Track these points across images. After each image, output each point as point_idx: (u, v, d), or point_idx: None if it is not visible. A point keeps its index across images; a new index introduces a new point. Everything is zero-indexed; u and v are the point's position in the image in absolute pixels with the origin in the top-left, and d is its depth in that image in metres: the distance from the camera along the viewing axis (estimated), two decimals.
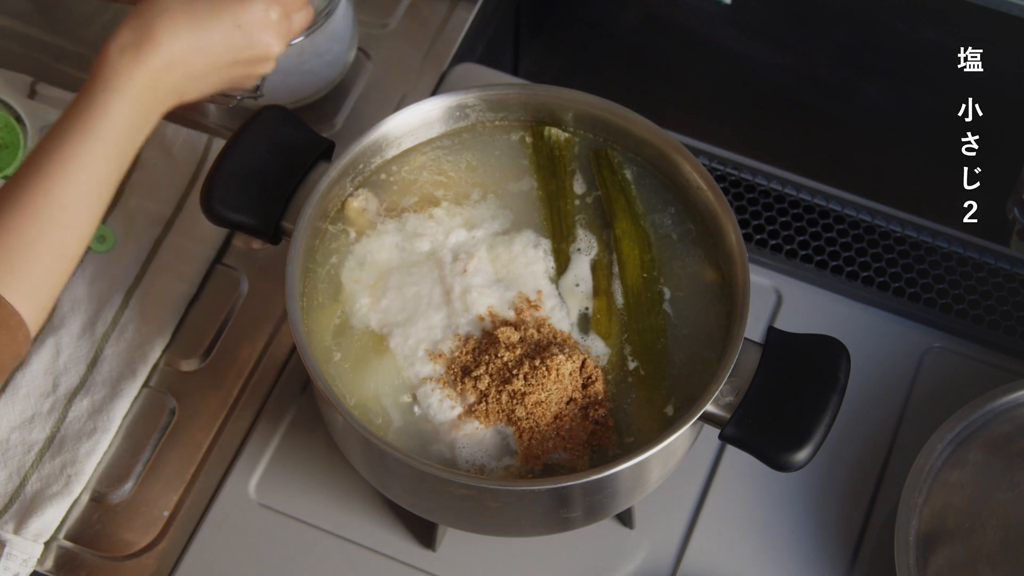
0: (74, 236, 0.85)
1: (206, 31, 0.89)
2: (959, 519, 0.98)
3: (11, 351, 0.82)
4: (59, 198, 0.83)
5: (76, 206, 0.84)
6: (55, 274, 0.84)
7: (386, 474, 0.92)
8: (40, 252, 0.82)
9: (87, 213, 0.85)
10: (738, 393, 0.86)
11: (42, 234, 0.83)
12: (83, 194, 0.85)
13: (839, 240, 1.16)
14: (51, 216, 0.83)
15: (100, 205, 0.87)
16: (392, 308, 0.93)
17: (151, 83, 0.87)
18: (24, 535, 1.00)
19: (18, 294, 0.81)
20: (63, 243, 0.84)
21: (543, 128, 1.01)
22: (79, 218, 0.85)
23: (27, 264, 0.82)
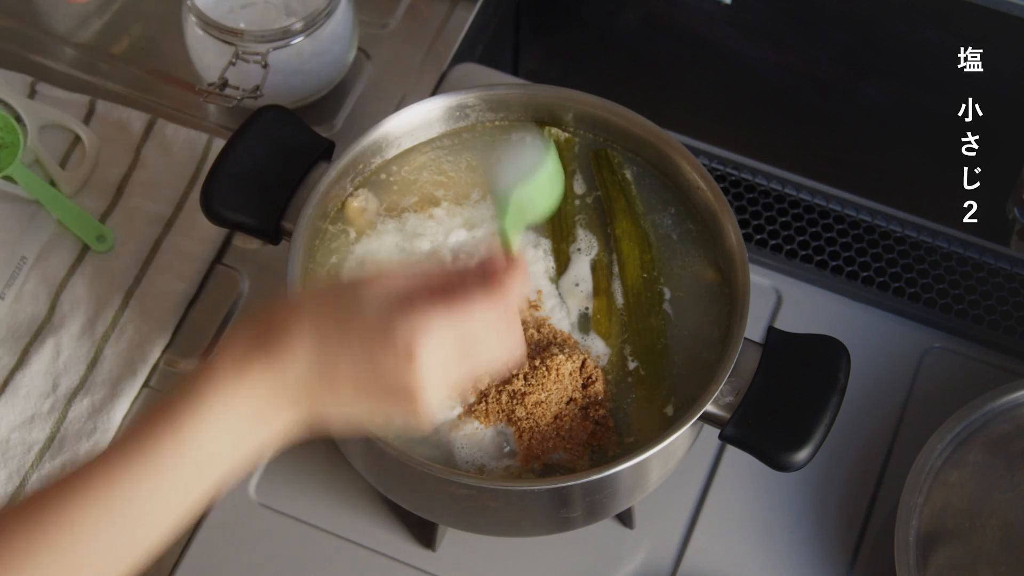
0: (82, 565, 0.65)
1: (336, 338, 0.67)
2: (959, 519, 0.98)
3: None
4: (70, 512, 0.65)
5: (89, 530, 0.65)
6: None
7: (386, 474, 0.92)
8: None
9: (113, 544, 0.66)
10: (738, 393, 0.86)
11: (34, 553, 0.64)
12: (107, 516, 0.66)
13: (839, 240, 1.16)
14: (53, 534, 0.65)
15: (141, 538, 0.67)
16: None
17: (258, 386, 0.67)
18: None
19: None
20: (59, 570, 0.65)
21: (543, 128, 1.01)
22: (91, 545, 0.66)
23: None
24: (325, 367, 0.66)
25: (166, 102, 1.23)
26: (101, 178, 1.17)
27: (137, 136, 1.19)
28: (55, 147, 1.18)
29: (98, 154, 1.17)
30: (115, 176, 1.17)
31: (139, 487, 0.65)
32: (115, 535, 0.65)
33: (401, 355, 0.65)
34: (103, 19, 1.29)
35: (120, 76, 1.24)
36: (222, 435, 0.66)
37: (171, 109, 1.22)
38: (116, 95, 1.23)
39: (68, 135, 1.18)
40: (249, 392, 0.66)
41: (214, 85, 1.13)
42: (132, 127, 1.19)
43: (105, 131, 1.19)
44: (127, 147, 1.18)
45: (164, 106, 1.22)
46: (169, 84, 1.24)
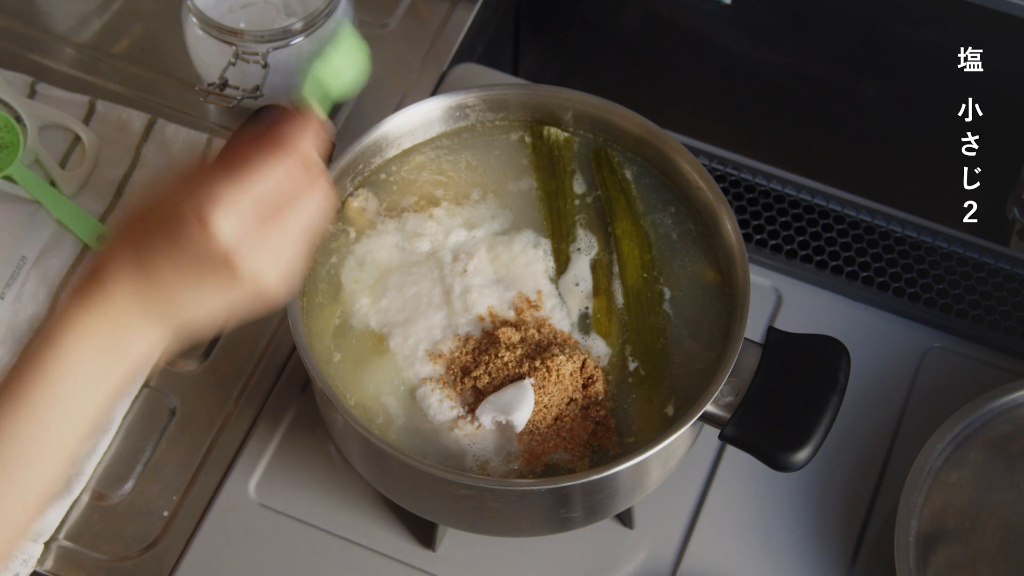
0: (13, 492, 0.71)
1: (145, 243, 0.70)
2: (959, 519, 0.98)
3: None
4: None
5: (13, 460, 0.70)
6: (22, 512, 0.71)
7: (386, 474, 0.92)
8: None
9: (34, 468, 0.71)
10: (738, 393, 0.86)
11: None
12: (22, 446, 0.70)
13: (839, 240, 1.16)
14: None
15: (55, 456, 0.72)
16: (392, 308, 0.93)
17: (109, 327, 0.71)
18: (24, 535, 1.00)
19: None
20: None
21: (543, 128, 1.01)
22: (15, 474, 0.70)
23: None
24: (147, 272, 0.69)
25: (166, 102, 1.23)
26: (101, 178, 1.17)
27: (137, 136, 1.19)
28: (55, 147, 1.18)
29: (98, 154, 1.18)
30: (115, 176, 1.17)
31: (22, 431, 0.70)
32: (14, 477, 0.70)
33: (196, 226, 0.67)
34: (103, 19, 1.29)
35: (120, 76, 1.24)
36: (86, 366, 0.70)
37: (171, 109, 1.22)
38: (116, 95, 1.23)
39: (68, 135, 1.18)
40: (98, 324, 0.70)
41: (214, 85, 1.13)
42: (132, 127, 1.19)
43: (105, 131, 1.19)
44: (127, 147, 1.18)
45: (164, 106, 1.22)
46: (169, 84, 1.24)
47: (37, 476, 0.71)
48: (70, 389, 0.71)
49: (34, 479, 0.71)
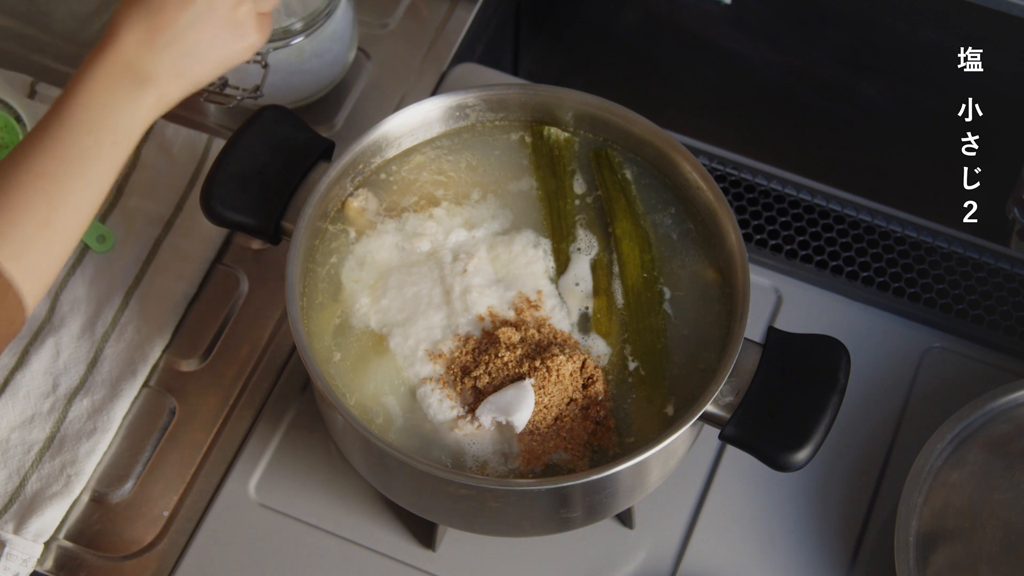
0: (59, 205, 0.85)
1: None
2: (959, 519, 0.98)
3: (5, 315, 0.83)
4: (38, 167, 0.85)
5: (58, 176, 0.86)
6: (44, 242, 0.85)
7: (386, 474, 0.92)
8: (23, 218, 0.84)
9: (74, 184, 0.86)
10: (738, 393, 0.86)
11: (23, 201, 0.84)
12: (65, 166, 0.86)
13: (839, 240, 1.16)
14: (31, 184, 0.85)
15: (91, 178, 0.88)
16: (392, 308, 0.93)
17: (122, 61, 0.89)
18: (24, 535, 1.00)
19: (3, 254, 0.83)
20: (48, 211, 0.85)
21: (543, 128, 1.01)
22: (64, 187, 0.86)
23: (11, 229, 0.83)
24: (157, 25, 0.89)
25: None
26: None
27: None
28: None
29: None
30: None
31: (63, 149, 0.86)
32: (73, 177, 0.86)
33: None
34: (103, 19, 1.29)
35: None
36: (106, 95, 0.88)
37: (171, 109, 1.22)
38: None
39: None
40: (113, 62, 0.88)
41: (214, 85, 1.13)
42: None
43: None
44: None
45: None
46: None
47: (81, 189, 0.86)
48: (96, 113, 0.87)
49: (79, 191, 0.86)
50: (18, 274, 0.83)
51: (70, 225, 0.87)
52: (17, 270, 0.83)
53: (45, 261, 0.86)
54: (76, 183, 0.86)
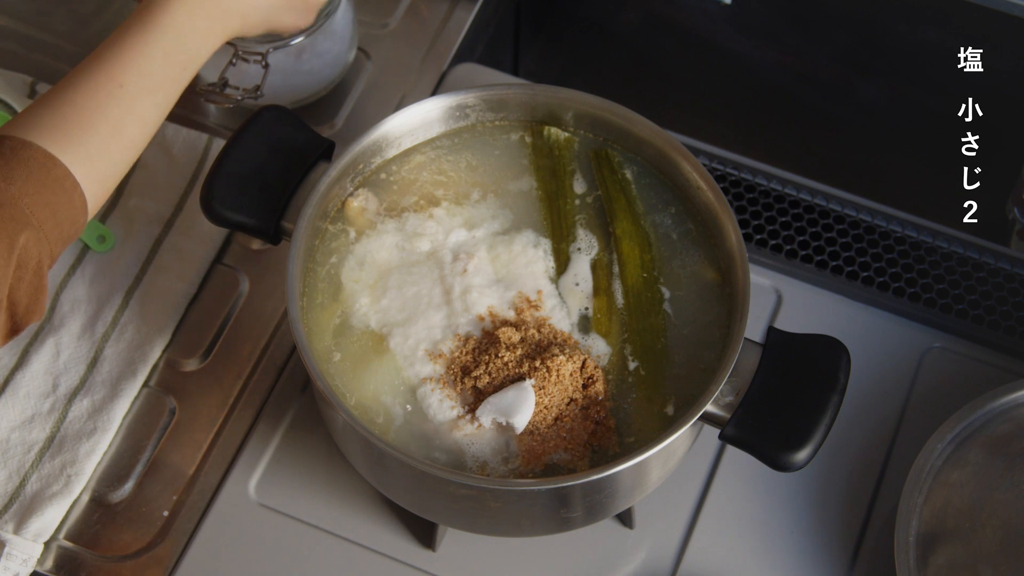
0: (132, 117, 0.90)
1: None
2: (959, 519, 0.98)
3: (68, 214, 0.86)
4: (118, 78, 0.90)
5: (135, 88, 0.91)
6: (112, 149, 0.89)
7: (386, 474, 0.92)
8: (97, 124, 0.88)
9: (146, 98, 0.92)
10: (738, 393, 0.86)
11: (99, 107, 0.89)
12: (142, 80, 0.91)
13: (839, 240, 1.16)
14: (109, 92, 0.89)
15: (161, 96, 0.93)
16: (392, 308, 0.93)
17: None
18: (24, 535, 1.00)
19: (73, 158, 0.86)
20: (120, 120, 0.90)
21: (543, 128, 1.01)
22: (137, 100, 0.91)
23: (82, 132, 0.87)
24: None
25: None
26: None
27: None
28: None
29: None
30: None
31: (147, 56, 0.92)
32: (147, 91, 0.92)
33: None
34: (103, 19, 1.29)
35: None
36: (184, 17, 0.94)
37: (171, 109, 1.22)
38: None
39: None
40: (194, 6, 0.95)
41: (214, 85, 1.13)
42: None
43: None
44: None
45: None
46: None
47: (150, 105, 0.92)
48: (174, 38, 0.93)
49: (149, 106, 0.92)
50: (85, 176, 0.87)
51: (136, 137, 0.91)
52: (84, 172, 0.87)
53: (110, 168, 0.90)
54: (147, 99, 0.92)
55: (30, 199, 0.83)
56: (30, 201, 0.83)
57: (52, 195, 0.85)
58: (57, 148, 0.86)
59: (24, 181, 0.83)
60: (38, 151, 0.85)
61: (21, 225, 0.82)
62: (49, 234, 0.85)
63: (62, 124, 0.87)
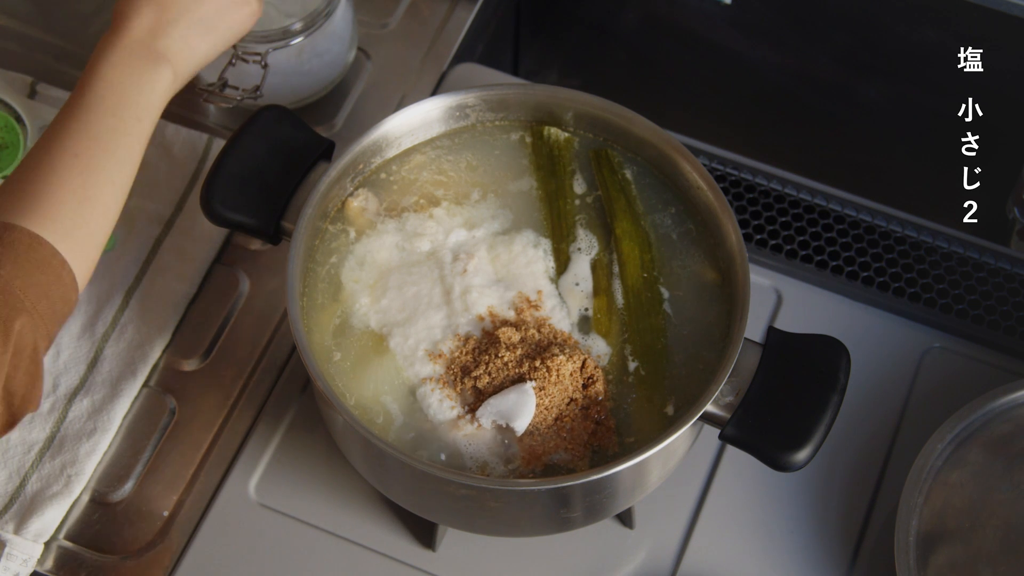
0: (95, 181, 0.89)
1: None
2: (959, 519, 0.98)
3: (60, 293, 0.85)
4: (71, 148, 0.89)
5: (89, 154, 0.90)
6: (87, 220, 0.88)
7: (386, 474, 0.92)
8: (64, 197, 0.87)
9: (105, 161, 0.90)
10: (738, 393, 0.86)
11: (63, 181, 0.88)
12: (94, 144, 0.90)
13: (839, 240, 1.16)
14: (66, 164, 0.89)
15: (121, 155, 0.92)
16: (392, 308, 0.93)
17: (139, 43, 0.94)
18: (24, 535, 1.00)
19: (55, 236, 0.86)
20: (85, 188, 0.89)
21: (543, 128, 1.01)
22: (95, 164, 0.90)
23: (55, 208, 0.87)
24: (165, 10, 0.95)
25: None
26: None
27: None
28: None
29: None
30: None
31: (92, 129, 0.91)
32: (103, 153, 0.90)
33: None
34: (103, 19, 1.29)
35: None
36: (127, 76, 0.93)
37: (171, 109, 1.22)
38: None
39: None
40: (129, 48, 0.93)
41: (214, 85, 1.13)
42: None
43: None
44: None
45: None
46: None
47: (112, 165, 0.90)
48: (117, 95, 0.92)
49: (111, 167, 0.90)
50: (69, 251, 0.86)
51: (107, 200, 0.90)
52: (68, 247, 0.86)
53: (90, 237, 0.89)
54: (107, 160, 0.90)
55: (21, 282, 0.82)
56: (21, 284, 0.82)
57: (42, 276, 0.83)
58: (38, 226, 0.85)
59: (13, 264, 0.82)
60: (22, 232, 0.84)
61: (16, 311, 0.81)
62: (43, 316, 0.83)
63: (35, 202, 0.86)
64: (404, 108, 0.98)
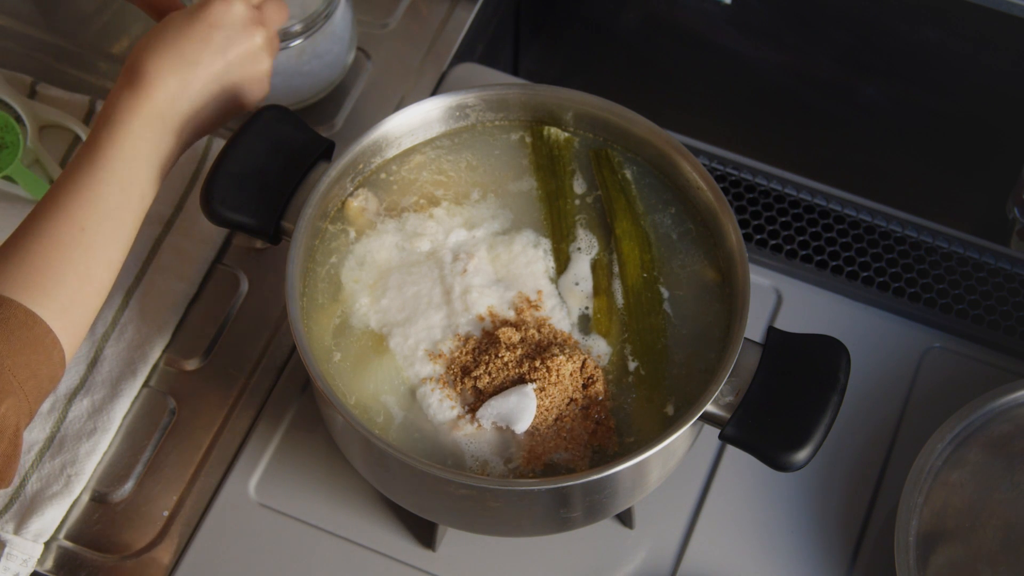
0: (97, 260, 0.88)
1: (184, 40, 0.94)
2: (959, 519, 0.98)
3: (48, 372, 0.84)
4: (79, 221, 0.87)
5: (97, 230, 0.88)
6: (84, 296, 0.87)
7: (386, 474, 0.92)
8: (66, 273, 0.86)
9: (109, 238, 0.89)
10: (738, 393, 0.86)
11: (66, 255, 0.86)
12: (103, 220, 0.88)
13: (839, 240, 1.16)
14: (73, 238, 0.87)
15: (123, 232, 0.90)
16: (392, 308, 0.93)
17: (156, 114, 0.92)
18: (24, 535, 1.00)
19: (50, 313, 0.84)
20: (87, 266, 0.87)
21: (543, 128, 1.01)
22: (100, 242, 0.88)
23: (55, 285, 0.85)
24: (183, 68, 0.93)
25: None
26: None
27: None
28: (55, 147, 1.18)
29: None
30: None
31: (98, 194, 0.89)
32: (108, 230, 0.88)
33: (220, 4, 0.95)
34: (103, 19, 1.29)
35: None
36: (140, 143, 0.91)
37: None
38: None
39: (68, 135, 1.19)
40: (148, 111, 0.91)
41: None
42: None
43: None
44: None
45: None
46: None
47: (113, 244, 0.89)
48: (130, 167, 0.90)
49: (113, 245, 0.89)
50: (62, 330, 0.85)
51: (104, 280, 0.89)
52: (61, 326, 0.85)
53: (83, 315, 0.87)
54: (110, 239, 0.89)
55: (11, 361, 0.81)
56: (11, 363, 0.81)
57: (33, 355, 0.82)
58: (33, 302, 0.83)
59: (6, 343, 0.81)
60: (18, 309, 0.83)
61: (4, 393, 0.80)
62: (29, 395, 0.82)
63: (33, 276, 0.84)
64: (404, 108, 0.98)
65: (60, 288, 0.85)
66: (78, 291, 0.86)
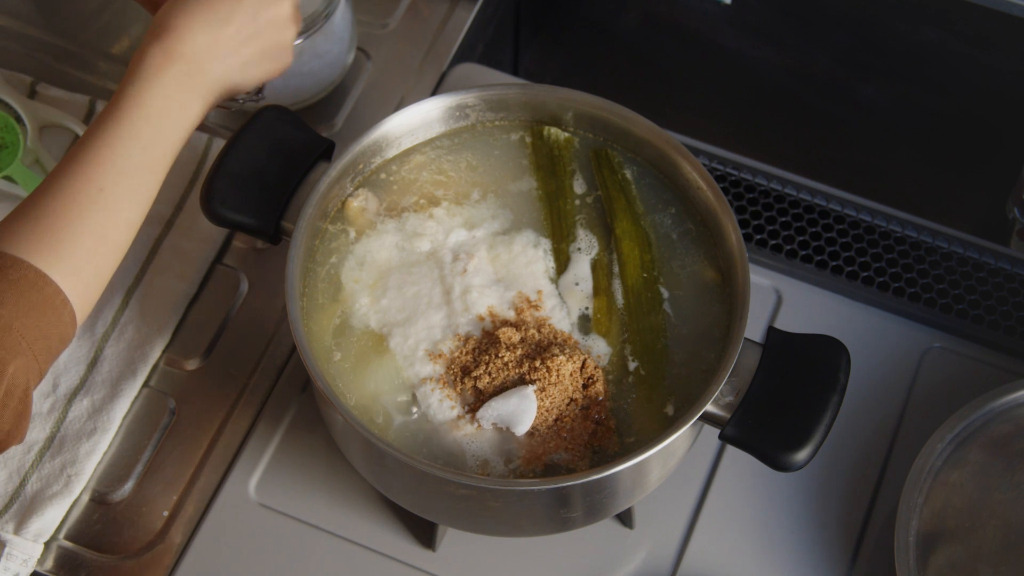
0: (115, 221, 0.87)
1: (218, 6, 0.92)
2: (959, 519, 0.98)
3: (58, 332, 0.83)
4: (97, 181, 0.86)
5: (115, 190, 0.86)
6: (98, 257, 0.86)
7: (386, 474, 0.92)
8: (81, 233, 0.84)
9: (128, 199, 0.87)
10: (738, 393, 0.86)
11: (83, 215, 0.85)
12: (122, 179, 0.87)
13: (839, 240, 1.16)
14: (90, 198, 0.85)
15: (142, 193, 0.89)
16: (392, 308, 0.93)
17: (183, 71, 0.90)
18: (24, 535, 1.00)
19: (62, 274, 0.83)
20: (104, 226, 0.86)
21: (543, 128, 1.01)
22: (119, 202, 0.87)
23: (69, 245, 0.84)
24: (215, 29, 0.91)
25: None
26: None
27: None
28: (55, 147, 1.18)
29: None
30: None
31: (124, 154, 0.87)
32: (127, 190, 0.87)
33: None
34: (103, 19, 1.29)
35: (120, 76, 1.24)
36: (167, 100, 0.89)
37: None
38: None
39: (68, 135, 1.19)
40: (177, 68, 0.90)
41: None
42: None
43: None
44: None
45: None
46: None
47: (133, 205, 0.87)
48: (155, 125, 0.88)
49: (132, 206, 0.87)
50: (72, 290, 0.84)
51: (120, 241, 0.88)
52: (72, 286, 0.84)
53: (97, 277, 0.86)
54: (130, 198, 0.87)
55: (20, 322, 0.80)
56: (20, 325, 0.80)
57: (42, 316, 0.82)
58: (45, 263, 0.82)
59: (15, 304, 0.80)
60: (29, 269, 0.82)
61: (12, 353, 0.80)
62: (39, 356, 0.82)
63: (47, 236, 0.83)
64: (404, 108, 0.98)
65: (74, 248, 0.84)
66: (93, 251, 0.85)
